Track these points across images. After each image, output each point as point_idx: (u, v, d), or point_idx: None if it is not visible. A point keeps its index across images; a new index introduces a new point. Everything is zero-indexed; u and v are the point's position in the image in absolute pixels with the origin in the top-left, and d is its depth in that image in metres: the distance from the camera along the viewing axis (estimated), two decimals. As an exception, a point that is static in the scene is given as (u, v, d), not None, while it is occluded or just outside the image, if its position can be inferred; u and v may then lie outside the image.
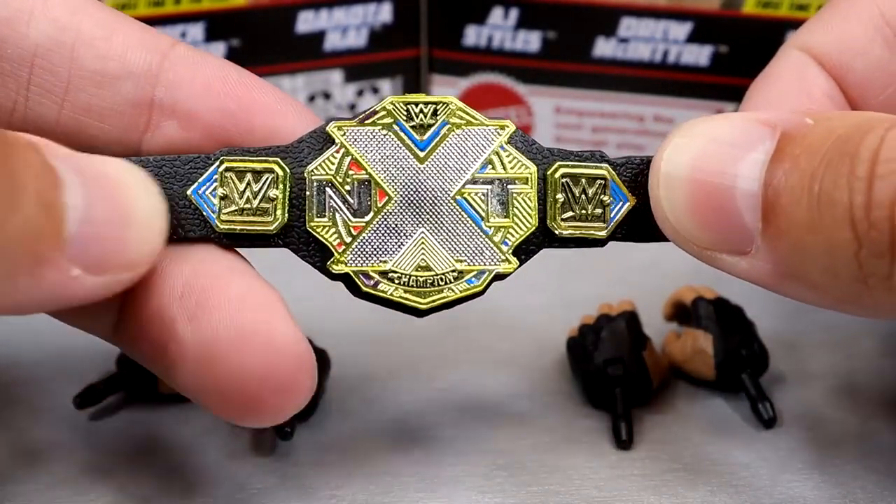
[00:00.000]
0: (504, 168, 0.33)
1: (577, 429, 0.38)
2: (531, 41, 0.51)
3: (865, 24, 0.35)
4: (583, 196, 0.33)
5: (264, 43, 0.50)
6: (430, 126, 0.32)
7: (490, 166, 0.33)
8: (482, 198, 0.33)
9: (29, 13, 0.31)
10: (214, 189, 0.32)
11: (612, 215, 0.33)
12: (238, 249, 0.32)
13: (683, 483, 0.35)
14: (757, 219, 0.29)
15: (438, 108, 0.33)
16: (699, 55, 0.50)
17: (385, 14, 0.51)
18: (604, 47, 0.50)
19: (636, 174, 0.33)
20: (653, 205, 0.32)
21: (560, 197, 0.33)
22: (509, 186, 0.33)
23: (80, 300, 0.28)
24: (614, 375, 0.38)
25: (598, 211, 0.33)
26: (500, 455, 0.37)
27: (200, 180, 0.32)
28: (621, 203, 0.33)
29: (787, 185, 0.29)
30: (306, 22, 0.50)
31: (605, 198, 0.33)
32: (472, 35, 0.51)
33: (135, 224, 0.29)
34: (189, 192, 0.32)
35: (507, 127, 0.33)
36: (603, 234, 0.33)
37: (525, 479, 0.36)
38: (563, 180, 0.33)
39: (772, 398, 0.38)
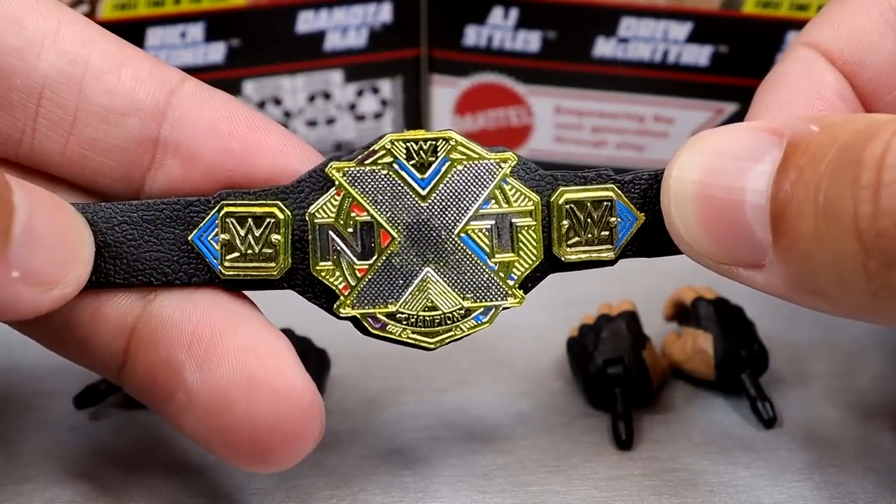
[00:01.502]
0: (507, 202, 0.32)
1: (577, 429, 0.38)
2: (531, 41, 0.51)
3: (876, 18, 0.34)
4: (588, 220, 0.33)
5: (264, 43, 0.50)
6: (430, 164, 0.32)
7: (493, 201, 0.32)
8: (486, 234, 0.32)
9: (40, 44, 0.31)
10: (216, 235, 0.32)
11: (619, 235, 0.33)
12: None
13: (683, 483, 0.35)
14: (767, 232, 0.29)
15: (438, 144, 0.32)
16: (699, 55, 0.50)
17: (385, 14, 0.51)
18: (604, 47, 0.50)
19: (645, 190, 0.33)
20: (666, 223, 0.31)
21: (565, 223, 0.32)
22: (513, 220, 0.32)
23: (10, 309, 0.28)
24: (614, 375, 0.38)
25: (605, 233, 0.33)
26: (500, 455, 0.37)
27: (201, 225, 0.32)
28: (629, 222, 0.33)
29: (794, 196, 0.28)
30: (306, 22, 0.50)
31: (612, 219, 0.33)
32: (472, 35, 0.51)
33: (69, 243, 0.30)
34: (191, 239, 0.32)
35: (509, 159, 0.32)
36: (611, 255, 0.33)
37: (525, 479, 0.36)
38: (567, 206, 0.32)
39: (772, 398, 0.38)
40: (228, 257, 0.32)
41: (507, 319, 0.43)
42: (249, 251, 0.32)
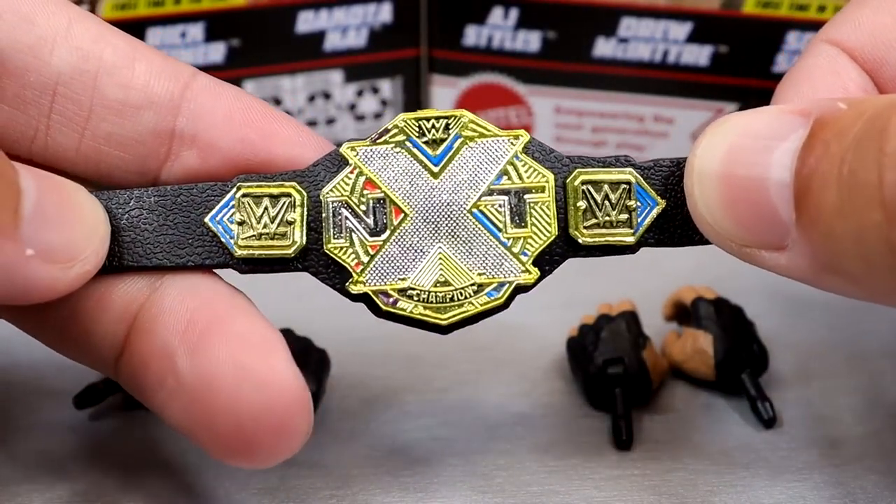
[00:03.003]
0: (520, 178, 0.32)
1: (577, 429, 0.38)
2: (531, 41, 0.51)
3: None
4: (606, 202, 0.32)
5: (264, 43, 0.50)
6: (442, 140, 0.32)
7: (506, 177, 0.32)
8: (499, 209, 0.32)
9: (52, 41, 0.31)
10: (232, 215, 0.32)
11: (639, 220, 0.32)
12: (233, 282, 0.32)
13: (683, 483, 0.35)
14: (791, 210, 0.28)
15: (450, 121, 0.32)
16: (699, 55, 0.50)
17: (385, 14, 0.51)
18: (604, 47, 0.50)
19: (667, 176, 0.32)
20: (689, 205, 0.31)
21: (581, 204, 0.32)
22: (526, 196, 0.32)
23: (31, 287, 0.28)
24: (614, 375, 0.38)
25: (624, 216, 0.32)
26: (500, 455, 0.37)
27: (218, 207, 0.32)
28: (649, 207, 0.32)
29: (818, 170, 0.27)
30: (306, 22, 0.50)
31: (631, 202, 0.32)
32: (472, 35, 0.51)
33: (82, 220, 0.30)
34: (206, 220, 0.32)
35: (522, 136, 0.32)
36: (631, 239, 0.32)
37: (525, 479, 0.36)
38: (584, 187, 0.32)
39: (772, 398, 0.38)
40: (243, 236, 0.32)
41: (508, 319, 0.43)
42: (265, 230, 0.32)
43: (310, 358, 0.39)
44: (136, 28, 0.47)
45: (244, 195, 0.32)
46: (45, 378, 0.39)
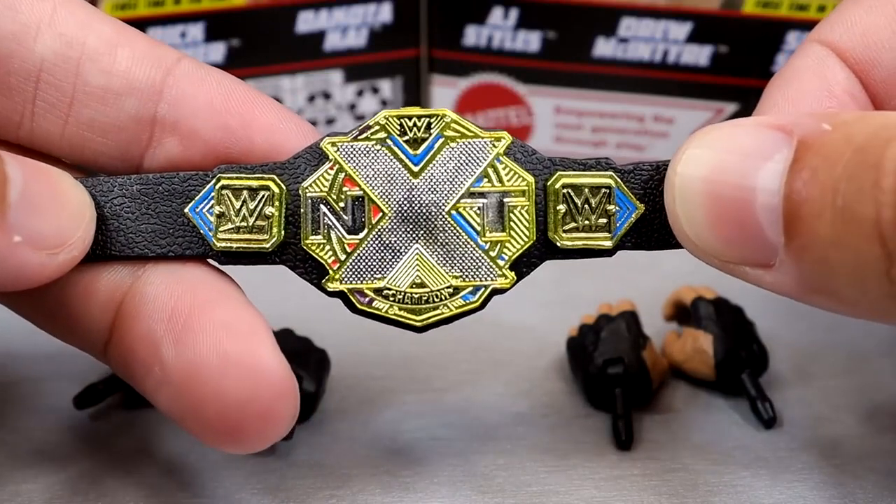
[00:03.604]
0: (500, 181, 0.32)
1: (577, 429, 0.38)
2: (531, 41, 0.51)
3: (891, 16, 0.33)
4: (586, 206, 0.32)
5: (264, 43, 0.50)
6: (423, 140, 0.32)
7: (486, 179, 0.32)
8: (478, 212, 0.32)
9: (36, 28, 0.32)
10: (211, 207, 0.32)
11: (618, 224, 0.32)
12: (230, 272, 0.32)
13: (683, 483, 0.35)
14: (779, 232, 0.28)
15: (432, 121, 0.32)
16: (699, 55, 0.50)
17: (385, 14, 0.51)
18: (604, 47, 0.50)
19: (646, 181, 0.32)
20: (670, 219, 0.31)
21: (561, 208, 0.32)
22: (505, 199, 0.32)
23: (20, 274, 0.29)
24: (614, 375, 0.38)
25: (603, 221, 0.32)
26: (500, 455, 0.37)
27: (197, 198, 0.32)
28: (628, 212, 0.32)
29: (808, 197, 0.27)
30: (306, 22, 0.50)
31: (610, 207, 0.32)
32: (472, 35, 0.51)
33: (68, 206, 0.30)
34: (186, 210, 0.32)
35: (504, 139, 0.32)
36: (608, 243, 0.32)
37: (525, 479, 0.36)
38: (564, 191, 0.32)
39: (772, 398, 0.38)
40: (222, 229, 0.32)
41: (508, 319, 0.43)
42: (243, 223, 0.32)
43: (310, 358, 0.39)
44: (135, 28, 0.47)
45: (223, 187, 0.32)
46: (45, 378, 0.39)
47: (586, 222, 0.32)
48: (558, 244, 0.32)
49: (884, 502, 0.34)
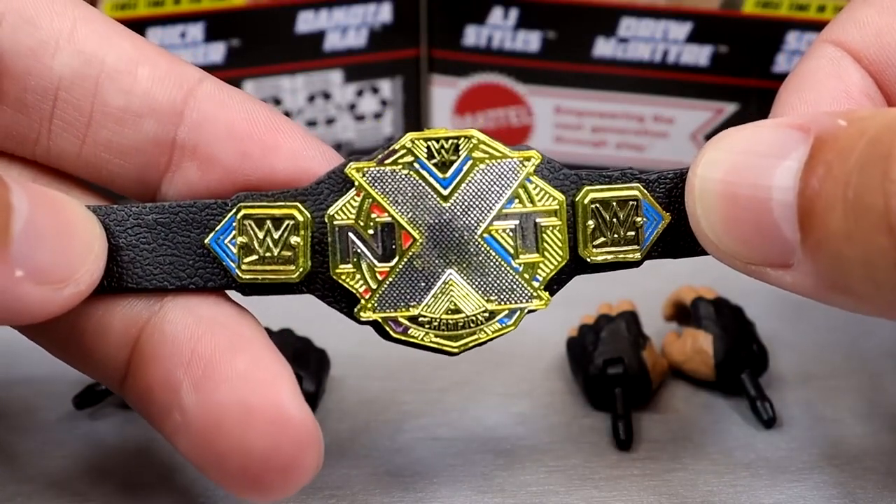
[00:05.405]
0: (532, 201, 0.32)
1: (577, 429, 0.38)
2: (531, 41, 0.51)
3: None
4: (614, 220, 0.32)
5: (264, 43, 0.50)
6: (452, 163, 0.31)
7: (517, 200, 0.32)
8: (510, 234, 0.32)
9: (55, 45, 0.31)
10: (233, 237, 0.31)
11: (646, 236, 0.32)
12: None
13: (683, 483, 0.35)
14: (795, 230, 0.28)
15: (460, 142, 0.31)
16: (699, 55, 0.50)
17: (385, 14, 0.51)
18: (604, 47, 0.50)
19: (670, 189, 0.32)
20: (692, 223, 0.31)
21: (591, 223, 0.32)
22: (538, 220, 0.32)
23: (21, 309, 0.27)
24: (614, 375, 0.38)
25: (632, 234, 0.32)
26: (500, 455, 0.37)
27: (218, 228, 0.31)
28: (655, 222, 0.32)
29: (822, 192, 0.27)
30: (306, 22, 0.50)
31: (638, 219, 0.32)
32: (472, 35, 0.51)
33: (75, 238, 0.29)
34: (207, 241, 0.31)
35: (532, 158, 0.32)
36: (637, 255, 0.32)
37: (525, 479, 0.36)
38: (593, 206, 0.32)
39: (772, 398, 0.38)
40: (246, 260, 0.31)
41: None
42: (268, 254, 0.31)
43: (309, 358, 0.39)
44: (135, 28, 0.47)
45: (245, 217, 0.31)
46: (45, 379, 0.39)
47: (615, 236, 0.32)
48: (589, 260, 0.32)
49: (884, 502, 0.34)
